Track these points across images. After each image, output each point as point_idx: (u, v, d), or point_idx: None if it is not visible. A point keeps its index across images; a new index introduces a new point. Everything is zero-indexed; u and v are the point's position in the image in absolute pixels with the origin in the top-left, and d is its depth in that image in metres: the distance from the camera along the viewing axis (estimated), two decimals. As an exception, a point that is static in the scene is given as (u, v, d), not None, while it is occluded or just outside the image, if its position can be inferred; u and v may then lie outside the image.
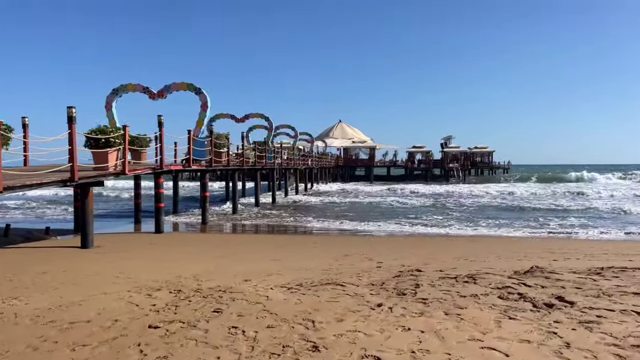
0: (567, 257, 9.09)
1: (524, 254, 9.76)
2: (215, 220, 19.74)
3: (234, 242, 13.32)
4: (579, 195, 32.40)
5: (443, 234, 15.10)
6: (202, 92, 18.72)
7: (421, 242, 12.96)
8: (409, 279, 6.32)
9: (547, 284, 5.83)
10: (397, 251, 10.58)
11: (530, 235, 14.80)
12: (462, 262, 8.60)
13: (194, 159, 18.67)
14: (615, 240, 13.45)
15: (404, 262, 8.62)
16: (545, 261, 8.45)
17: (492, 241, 12.97)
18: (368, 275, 6.93)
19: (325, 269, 7.91)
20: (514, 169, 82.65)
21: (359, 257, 9.41)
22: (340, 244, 12.21)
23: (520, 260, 8.74)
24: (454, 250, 10.66)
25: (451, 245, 12.05)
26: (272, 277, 7.03)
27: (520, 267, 7.41)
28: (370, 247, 11.27)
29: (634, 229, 15.62)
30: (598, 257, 9.10)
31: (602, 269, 6.79)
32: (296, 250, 10.94)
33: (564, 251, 10.25)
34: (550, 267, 7.32)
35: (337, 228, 16.55)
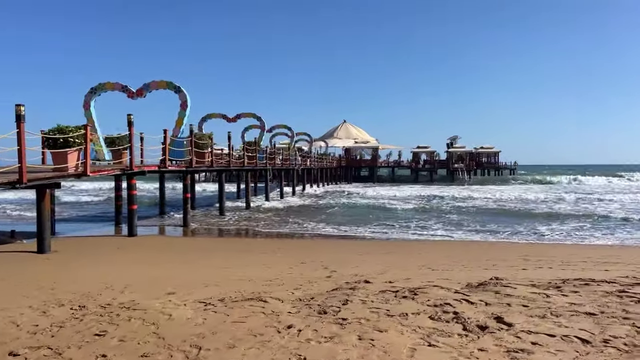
0: (539, 265, 8.40)
1: (494, 262, 9.08)
2: (198, 223, 19.19)
3: (199, 248, 12.74)
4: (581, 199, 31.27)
5: (422, 240, 14.40)
6: (182, 90, 18.17)
7: (397, 247, 12.32)
8: (344, 293, 5.68)
9: (493, 300, 5.17)
10: (362, 258, 9.94)
11: (512, 241, 14.09)
12: (423, 271, 7.95)
13: (172, 160, 18.17)
14: (603, 247, 12.70)
15: (361, 271, 7.98)
16: (513, 270, 7.79)
17: (470, 247, 12.28)
18: (306, 288, 6.31)
19: (270, 278, 7.29)
20: (521, 170, 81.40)
21: (315, 265, 8.78)
22: (306, 250, 11.60)
23: (486, 269, 8.07)
24: (424, 257, 9.99)
25: (424, 251, 11.37)
26: (202, 289, 6.43)
27: (480, 278, 6.75)
28: (335, 254, 10.64)
29: (629, 235, 14.83)
30: (573, 266, 8.40)
31: (564, 281, 6.11)
32: (256, 257, 10.33)
33: (540, 259, 9.56)
34: (512, 278, 6.64)
35: (315, 233, 15.92)
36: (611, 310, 4.69)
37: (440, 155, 71.26)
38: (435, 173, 68.21)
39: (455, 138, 76.50)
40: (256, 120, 28.77)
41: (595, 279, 6.30)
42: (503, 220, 18.79)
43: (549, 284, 6.02)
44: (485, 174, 69.96)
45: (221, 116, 28.21)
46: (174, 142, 18.08)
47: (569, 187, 45.14)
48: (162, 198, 23.06)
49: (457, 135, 77.00)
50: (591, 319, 4.47)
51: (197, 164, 19.94)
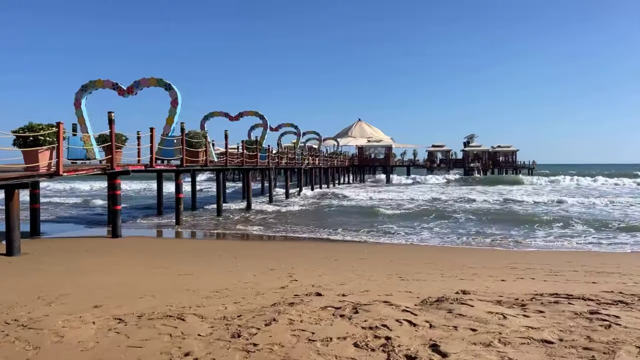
0: (521, 276, 7.65)
1: (477, 270, 8.35)
2: (191, 224, 18.74)
3: (176, 250, 12.22)
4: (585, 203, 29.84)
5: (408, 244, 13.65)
6: (173, 88, 17.67)
7: (378, 253, 11.63)
8: (277, 310, 5.05)
9: (440, 321, 4.49)
10: (334, 265, 9.30)
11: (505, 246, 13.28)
12: (390, 281, 7.27)
13: (162, 159, 17.73)
14: (604, 254, 11.83)
15: (323, 280, 7.34)
16: (490, 282, 7.07)
17: (456, 254, 11.52)
18: (247, 302, 5.68)
19: (219, 289, 6.68)
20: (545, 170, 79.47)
21: (282, 272, 8.15)
22: (284, 255, 10.97)
23: (462, 279, 7.36)
24: (401, 264, 9.29)
25: (406, 257, 10.65)
26: (135, 302, 5.85)
27: (447, 290, 6.07)
28: (310, 260, 10.00)
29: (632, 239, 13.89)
30: (560, 276, 7.63)
31: (534, 297, 5.39)
32: (226, 262, 9.75)
33: (528, 267, 8.80)
34: (482, 291, 5.95)
35: (306, 236, 15.25)
36: (572, 338, 3.98)
37: (457, 154, 69.99)
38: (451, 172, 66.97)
39: (472, 137, 75.13)
40: (259, 118, 28.20)
41: (572, 295, 5.58)
42: (502, 224, 17.83)
43: (516, 301, 5.31)
44: (502, 173, 68.22)
45: (223, 114, 27.71)
46: (165, 141, 17.63)
47: (572, 189, 43.51)
48: (159, 198, 22.66)
49: (473, 134, 75.65)
50: (545, 348, 3.78)
51: (191, 163, 19.49)
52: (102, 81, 17.73)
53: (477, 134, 75.84)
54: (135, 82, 17.68)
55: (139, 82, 17.64)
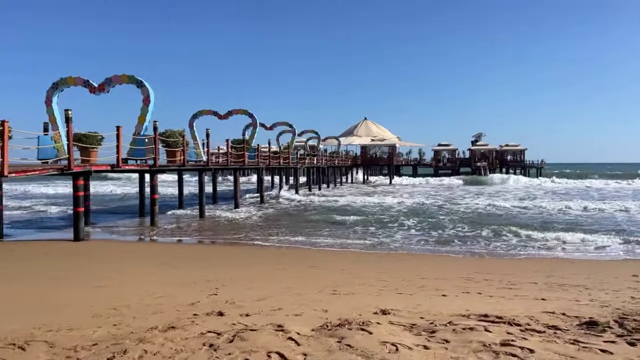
0: (468, 290, 6.86)
1: (427, 282, 7.61)
2: (170, 226, 18.15)
3: (122, 255, 11.58)
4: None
5: (368, 251, 12.87)
6: (145, 85, 17.07)
7: (333, 259, 10.91)
8: (148, 336, 4.36)
9: (319, 355, 3.77)
10: (274, 274, 8.61)
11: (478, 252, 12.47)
12: (320, 296, 6.55)
13: (134, 159, 17.17)
14: (581, 261, 10.98)
15: (247, 295, 6.65)
16: (429, 297, 6.32)
17: (416, 263, 10.76)
18: (127, 324, 4.99)
19: (121, 305, 6.01)
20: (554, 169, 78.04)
21: (204, 285, 7.46)
22: (233, 263, 10.30)
23: (400, 294, 6.60)
24: (345, 276, 8.55)
25: (358, 267, 9.87)
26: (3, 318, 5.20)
27: (366, 310, 5.34)
28: (252, 267, 9.32)
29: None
30: (515, 290, 6.84)
31: (450, 322, 4.62)
32: (160, 270, 9.09)
33: (486, 277, 8.02)
34: (408, 310, 5.21)
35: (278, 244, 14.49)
36: (460, 381, 3.23)
37: (465, 153, 68.91)
38: (457, 172, 65.87)
39: (480, 135, 74.05)
40: (248, 117, 27.55)
41: (502, 317, 4.82)
42: (483, 227, 16.88)
43: (431, 325, 4.57)
44: (509, 172, 66.93)
45: (212, 113, 27.09)
46: (136, 141, 17.05)
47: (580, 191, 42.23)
48: (141, 199, 22.08)
49: (481, 133, 74.57)
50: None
51: (168, 163, 18.93)
52: (74, 78, 17.21)
53: (485, 133, 74.82)
54: (106, 80, 17.13)
55: (110, 79, 17.09)
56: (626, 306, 5.52)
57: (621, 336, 4.13)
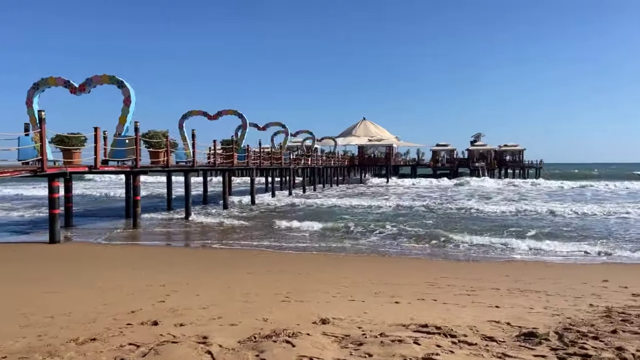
0: (423, 297, 6.65)
1: (386, 287, 7.40)
2: (152, 227, 18.01)
3: (92, 259, 11.41)
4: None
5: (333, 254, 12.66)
6: (125, 85, 16.90)
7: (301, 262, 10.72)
8: (59, 351, 4.17)
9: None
10: (238, 278, 8.41)
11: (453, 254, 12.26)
12: (269, 301, 6.34)
13: (115, 160, 17.01)
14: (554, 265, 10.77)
15: (197, 301, 6.45)
16: (380, 304, 6.12)
17: (391, 265, 10.57)
18: (53, 335, 4.80)
19: (62, 313, 5.83)
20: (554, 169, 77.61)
21: (157, 291, 7.26)
22: (196, 266, 10.11)
23: (352, 301, 6.40)
24: (303, 281, 8.36)
25: (322, 271, 9.66)
26: None
27: (307, 318, 5.15)
28: (206, 273, 9.15)
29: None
30: (473, 294, 6.64)
31: (382, 334, 4.43)
32: (122, 275, 8.91)
33: (451, 283, 7.80)
34: (351, 319, 5.02)
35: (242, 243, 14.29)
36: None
37: (465, 153, 68.50)
38: (456, 172, 65.54)
39: (479, 135, 73.74)
40: (238, 117, 27.37)
41: (441, 328, 4.63)
42: (465, 230, 16.56)
43: (362, 337, 4.37)
44: (506, 173, 66.64)
45: (202, 113, 26.95)
46: (117, 142, 16.89)
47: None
48: (127, 200, 21.88)
49: (480, 133, 74.27)
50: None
51: (151, 164, 18.78)
52: (54, 79, 17.06)
53: (484, 133, 74.53)
54: (87, 80, 16.98)
55: (91, 79, 16.94)
56: (578, 315, 5.31)
57: (555, 350, 3.93)
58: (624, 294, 6.93)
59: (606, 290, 7.26)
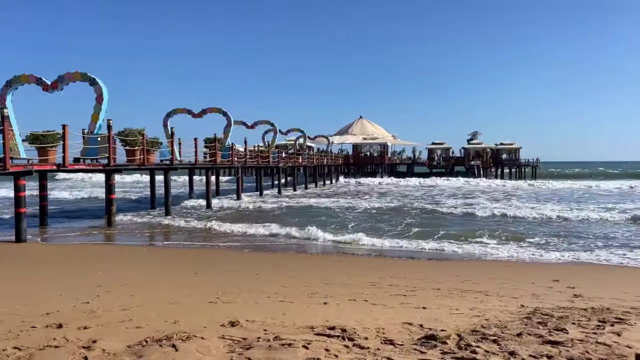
0: (355, 297, 6.47)
1: (317, 290, 7.19)
2: (128, 225, 17.88)
3: (46, 259, 11.27)
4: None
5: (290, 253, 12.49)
6: (98, 83, 16.73)
7: (251, 260, 10.55)
8: None
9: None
10: (171, 282, 8.25)
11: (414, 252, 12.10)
12: (199, 304, 6.18)
13: (87, 158, 16.86)
14: (496, 262, 10.58)
15: (130, 301, 6.28)
16: (302, 307, 5.93)
17: (341, 265, 10.37)
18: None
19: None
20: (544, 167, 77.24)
21: (89, 291, 7.10)
22: (148, 265, 9.95)
23: (281, 302, 6.24)
24: (248, 279, 8.19)
25: (274, 271, 9.49)
26: None
27: (226, 319, 4.98)
28: (151, 274, 8.97)
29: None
30: (410, 295, 6.46)
31: (277, 337, 4.25)
32: (68, 275, 8.76)
33: (392, 283, 7.62)
34: (259, 322, 4.84)
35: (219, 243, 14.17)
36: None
37: (457, 151, 68.28)
38: (452, 170, 65.29)
39: (476, 134, 73.47)
40: (223, 115, 27.21)
41: (345, 330, 4.46)
42: (436, 227, 16.34)
43: (255, 340, 4.20)
44: (503, 171, 66.39)
45: (186, 111, 26.83)
46: (89, 140, 16.74)
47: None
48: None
49: (477, 131, 74.00)
50: None
51: (127, 163, 18.64)
52: (27, 76, 16.90)
53: (480, 131, 74.29)
54: (59, 77, 16.82)
55: (63, 76, 16.77)
56: (499, 317, 5.14)
57: (445, 353, 3.76)
58: (565, 295, 6.75)
59: (550, 291, 7.09)
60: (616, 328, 4.49)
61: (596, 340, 4.04)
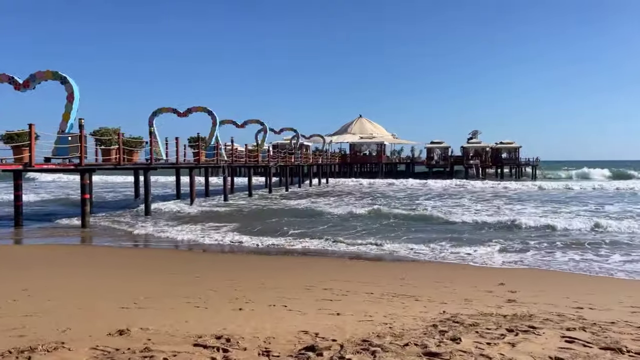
0: (274, 303, 6.22)
1: (242, 295, 6.93)
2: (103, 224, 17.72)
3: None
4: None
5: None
6: (68, 81, 16.56)
7: (188, 261, 10.30)
8: None
9: None
10: (104, 285, 8.02)
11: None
12: (110, 309, 5.93)
13: (59, 157, 16.70)
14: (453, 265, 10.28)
15: (22, 309, 6.05)
16: (211, 313, 5.68)
17: (293, 265, 10.12)
18: None
19: None
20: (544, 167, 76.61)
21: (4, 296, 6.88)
22: (88, 268, 9.74)
23: (205, 308, 5.98)
24: (178, 284, 7.94)
25: (209, 274, 9.25)
26: None
27: (123, 326, 4.73)
28: (88, 279, 8.76)
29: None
30: (335, 300, 6.19)
31: (145, 349, 4.00)
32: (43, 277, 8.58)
33: (325, 287, 7.35)
34: (154, 329, 4.60)
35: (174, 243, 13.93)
36: None
37: (457, 150, 67.77)
38: (451, 170, 64.78)
39: (477, 133, 73.05)
40: (207, 114, 27.00)
41: (229, 340, 4.21)
42: (399, 231, 15.91)
43: (121, 352, 3.95)
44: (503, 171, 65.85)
45: (172, 110, 26.62)
46: (60, 139, 16.57)
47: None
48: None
49: (477, 130, 73.59)
50: None
51: (103, 162, 18.49)
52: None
53: (480, 130, 73.89)
54: (31, 76, 16.68)
55: (34, 75, 16.63)
56: (407, 324, 4.87)
57: (310, 367, 3.50)
58: (499, 300, 6.47)
59: (486, 295, 6.81)
60: (517, 338, 4.21)
61: (481, 352, 3.77)
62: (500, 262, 10.82)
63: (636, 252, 11.89)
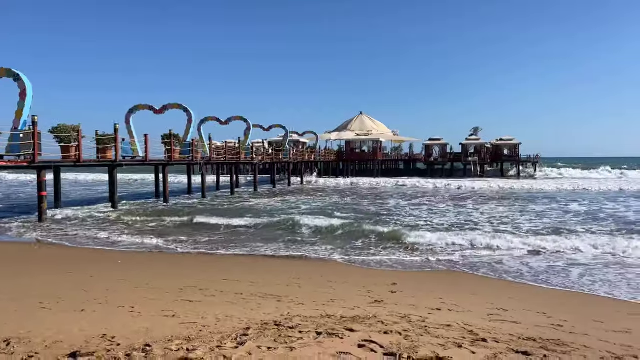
0: (190, 299, 5.99)
1: (144, 295, 6.71)
2: (63, 221, 17.65)
3: None
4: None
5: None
6: (21, 78, 16.48)
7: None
8: None
9: None
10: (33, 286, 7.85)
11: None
12: (31, 307, 5.75)
13: (11, 155, 16.63)
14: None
15: None
16: (122, 315, 5.47)
17: (218, 264, 9.91)
18: None
19: None
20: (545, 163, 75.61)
21: None
22: (41, 267, 9.62)
23: (75, 309, 5.78)
24: (118, 284, 7.75)
25: (158, 275, 9.06)
26: None
27: None
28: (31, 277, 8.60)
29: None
30: (238, 305, 5.96)
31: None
32: None
33: (238, 291, 7.12)
34: None
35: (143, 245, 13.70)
36: None
37: (456, 147, 67.03)
38: (450, 166, 64.23)
39: (478, 129, 72.47)
40: (183, 111, 26.85)
41: (106, 337, 4.02)
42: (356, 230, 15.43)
43: None
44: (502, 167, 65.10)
45: (148, 107, 26.53)
46: (13, 136, 16.50)
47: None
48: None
49: (479, 127, 73.03)
50: None
51: (62, 159, 18.42)
52: (-45, 74, 16.73)
53: (482, 127, 73.29)
54: (-12, 76, 16.61)
55: (-9, 74, 16.56)
56: (238, 327, 4.61)
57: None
58: (363, 300, 6.19)
59: (363, 295, 6.53)
60: (317, 341, 3.95)
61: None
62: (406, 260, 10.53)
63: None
